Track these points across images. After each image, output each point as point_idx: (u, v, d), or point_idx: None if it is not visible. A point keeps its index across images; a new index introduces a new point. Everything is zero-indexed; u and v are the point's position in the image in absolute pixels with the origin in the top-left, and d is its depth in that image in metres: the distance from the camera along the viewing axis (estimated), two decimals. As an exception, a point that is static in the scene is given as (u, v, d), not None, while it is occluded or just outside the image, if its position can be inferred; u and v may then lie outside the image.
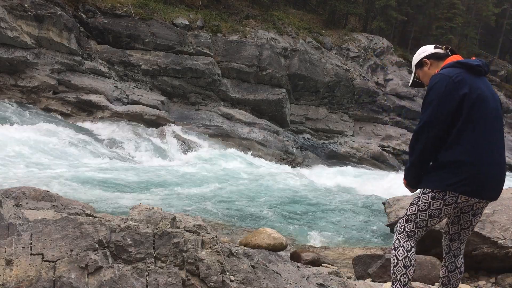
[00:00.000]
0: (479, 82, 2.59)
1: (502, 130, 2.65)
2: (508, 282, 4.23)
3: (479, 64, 2.62)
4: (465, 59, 2.67)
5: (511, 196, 4.86)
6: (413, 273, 2.62)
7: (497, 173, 2.55)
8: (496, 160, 2.56)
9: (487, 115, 2.54)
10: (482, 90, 2.57)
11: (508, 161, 25.40)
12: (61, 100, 15.13)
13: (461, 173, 2.48)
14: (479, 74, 2.62)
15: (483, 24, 35.06)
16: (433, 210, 2.55)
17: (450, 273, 2.76)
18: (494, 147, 2.55)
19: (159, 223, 2.54)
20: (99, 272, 2.22)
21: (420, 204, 2.59)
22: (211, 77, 17.47)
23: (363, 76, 21.13)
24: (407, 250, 2.61)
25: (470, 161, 2.48)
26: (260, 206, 9.33)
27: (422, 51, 2.89)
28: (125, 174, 10.75)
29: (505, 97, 29.62)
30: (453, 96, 2.51)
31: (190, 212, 7.91)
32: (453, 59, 2.70)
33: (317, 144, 19.37)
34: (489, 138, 2.53)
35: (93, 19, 16.93)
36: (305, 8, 25.91)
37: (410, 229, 2.63)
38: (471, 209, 2.66)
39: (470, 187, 2.48)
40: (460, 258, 2.76)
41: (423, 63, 2.84)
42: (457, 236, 2.76)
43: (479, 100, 2.53)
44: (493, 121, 2.56)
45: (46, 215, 2.68)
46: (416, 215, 2.60)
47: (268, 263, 2.75)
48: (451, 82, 2.53)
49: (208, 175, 12.05)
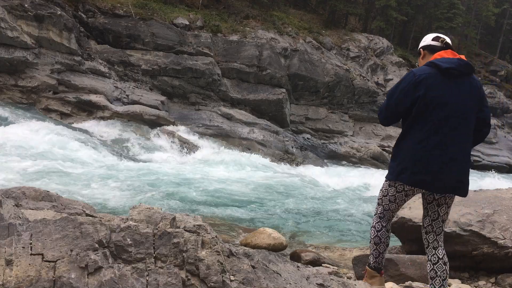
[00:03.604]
0: (444, 84, 2.73)
1: (466, 131, 2.78)
2: (508, 282, 4.23)
3: (451, 67, 2.72)
4: (440, 59, 2.78)
5: (511, 196, 4.86)
6: (384, 248, 3.06)
7: (449, 169, 2.74)
8: (449, 158, 2.73)
9: (440, 116, 2.71)
10: (441, 94, 2.72)
11: (507, 161, 25.42)
12: (61, 100, 15.13)
13: (406, 165, 2.78)
14: (450, 76, 2.73)
15: (483, 24, 35.07)
16: (390, 196, 2.95)
17: (434, 265, 2.91)
18: (448, 146, 2.73)
19: (159, 223, 2.54)
20: (99, 272, 2.22)
21: (383, 190, 3.01)
22: (211, 77, 17.47)
23: (363, 76, 21.14)
24: (377, 230, 3.05)
25: (416, 156, 2.75)
26: (260, 206, 9.33)
27: (423, 40, 3.03)
28: (125, 174, 10.75)
29: (505, 97, 29.63)
30: (409, 95, 2.75)
31: (190, 212, 7.91)
32: (441, 55, 2.82)
33: (317, 144, 19.37)
34: (441, 138, 2.72)
35: (93, 19, 16.93)
36: (305, 8, 25.91)
37: (380, 212, 3.04)
38: (433, 199, 2.90)
39: (415, 178, 2.77)
40: (440, 250, 2.92)
41: (420, 52, 3.01)
42: (430, 228, 2.96)
43: (433, 104, 2.71)
44: (450, 121, 2.72)
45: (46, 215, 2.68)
46: (382, 200, 3.02)
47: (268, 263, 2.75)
48: (413, 81, 2.74)
49: (208, 175, 12.04)
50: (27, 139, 11.54)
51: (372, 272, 3.15)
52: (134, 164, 12.73)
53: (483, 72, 31.80)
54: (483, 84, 29.39)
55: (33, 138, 11.77)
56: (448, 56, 2.80)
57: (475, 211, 4.58)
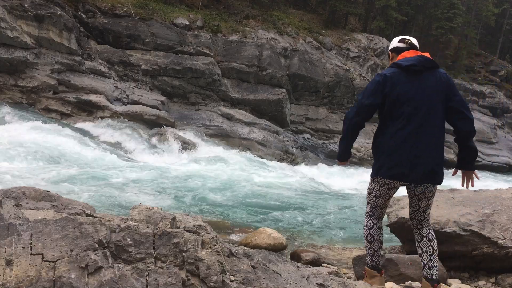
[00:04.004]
0: (407, 81, 2.94)
1: (436, 123, 2.96)
2: (508, 282, 4.23)
3: (411, 64, 2.95)
4: (402, 59, 3.02)
5: (511, 196, 4.86)
6: (378, 245, 3.18)
7: (422, 161, 2.94)
8: (420, 150, 2.93)
9: (406, 111, 2.92)
10: (406, 91, 2.93)
11: (507, 161, 25.42)
12: (61, 100, 15.13)
13: (383, 160, 3.01)
14: (412, 72, 2.95)
15: (483, 24, 35.07)
16: (375, 191, 3.13)
17: (419, 243, 3.15)
18: (419, 138, 2.93)
19: (159, 223, 2.54)
20: (99, 272, 2.22)
21: (369, 188, 3.19)
22: (211, 77, 17.47)
23: (363, 76, 21.14)
24: (368, 228, 3.20)
25: (389, 151, 2.97)
26: (260, 206, 9.33)
27: (391, 43, 3.29)
28: (125, 174, 10.75)
29: (505, 97, 29.63)
30: (378, 94, 2.97)
31: (190, 212, 7.91)
32: (404, 55, 3.05)
33: (317, 144, 19.38)
34: (408, 130, 2.92)
35: (93, 19, 16.93)
36: (305, 8, 25.90)
37: (369, 210, 3.21)
38: (414, 194, 3.11)
39: (392, 171, 2.98)
40: (424, 230, 3.15)
41: (389, 55, 3.27)
42: (413, 216, 3.20)
43: (400, 100, 2.93)
44: (417, 115, 2.92)
45: (46, 215, 2.68)
46: (369, 197, 3.20)
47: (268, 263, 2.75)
48: (380, 81, 2.97)
49: (208, 175, 12.04)
50: (27, 139, 11.54)
51: (372, 272, 3.23)
52: (134, 164, 12.73)
53: (483, 72, 31.81)
54: (483, 84, 29.46)
55: (32, 138, 11.76)
56: (410, 56, 3.02)
57: (475, 211, 4.58)
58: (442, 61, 28.49)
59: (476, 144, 3.17)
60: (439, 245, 4.78)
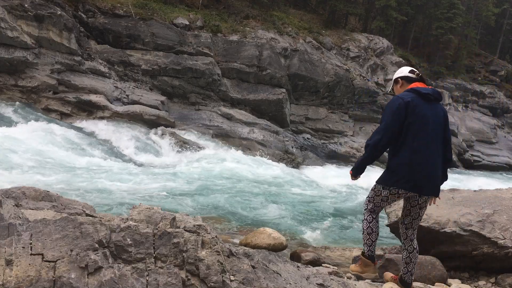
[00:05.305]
0: (425, 106, 3.36)
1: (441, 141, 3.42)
2: (508, 282, 4.23)
3: (428, 92, 3.40)
4: (419, 87, 3.44)
5: (511, 196, 4.85)
6: (375, 237, 3.53)
7: (431, 175, 3.35)
8: (431, 165, 3.33)
9: (425, 131, 3.32)
10: (424, 112, 3.33)
11: (507, 161, 25.43)
12: (61, 100, 15.12)
13: (402, 173, 3.32)
14: (427, 99, 3.39)
15: (483, 24, 35.08)
16: (383, 196, 3.45)
17: (410, 254, 3.54)
18: (430, 154, 3.33)
19: (159, 223, 2.54)
20: (99, 272, 2.21)
21: (376, 191, 3.49)
22: (211, 77, 17.46)
23: (363, 76, 21.13)
24: (369, 221, 3.52)
25: (409, 165, 3.30)
26: (260, 206, 9.33)
27: (400, 71, 3.67)
28: (125, 174, 10.75)
29: (505, 97, 29.64)
30: (401, 113, 3.31)
31: (190, 212, 7.91)
32: (417, 85, 3.46)
33: (317, 144, 19.37)
34: (426, 148, 3.31)
35: (93, 19, 16.92)
36: (305, 8, 25.90)
37: (371, 207, 3.53)
38: (418, 203, 3.46)
39: (408, 184, 3.32)
40: (415, 241, 3.54)
41: (398, 81, 3.63)
42: (410, 225, 3.54)
43: (419, 119, 3.31)
44: (432, 135, 3.34)
45: (46, 215, 2.68)
46: (374, 198, 3.50)
47: (268, 263, 2.75)
48: (401, 103, 3.33)
49: (208, 175, 12.05)
50: (26, 139, 11.53)
51: (366, 261, 3.56)
52: (134, 164, 12.73)
53: (483, 72, 31.82)
54: (483, 84, 29.56)
55: (32, 138, 11.76)
56: (422, 86, 3.47)
57: (475, 211, 4.58)
58: (442, 61, 28.51)
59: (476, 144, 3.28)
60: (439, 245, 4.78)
